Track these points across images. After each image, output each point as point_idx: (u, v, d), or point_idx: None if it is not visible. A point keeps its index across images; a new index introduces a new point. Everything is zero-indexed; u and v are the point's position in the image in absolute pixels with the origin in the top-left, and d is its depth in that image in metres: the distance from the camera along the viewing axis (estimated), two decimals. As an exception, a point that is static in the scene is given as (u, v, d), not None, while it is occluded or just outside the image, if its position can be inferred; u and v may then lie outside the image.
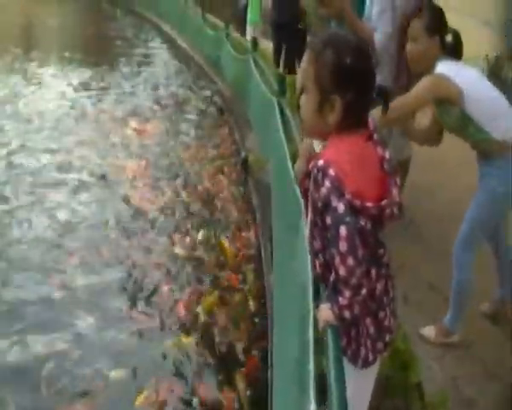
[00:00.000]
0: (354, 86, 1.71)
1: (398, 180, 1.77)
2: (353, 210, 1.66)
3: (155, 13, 17.71)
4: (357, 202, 1.66)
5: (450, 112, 2.88)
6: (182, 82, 11.07)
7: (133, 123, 8.01)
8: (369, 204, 1.69)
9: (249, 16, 10.17)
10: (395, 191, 1.75)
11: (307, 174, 1.82)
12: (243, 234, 5.04)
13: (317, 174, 1.67)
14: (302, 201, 2.55)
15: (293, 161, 3.20)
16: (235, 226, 5.19)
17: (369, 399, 2.07)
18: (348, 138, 1.73)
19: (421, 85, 2.89)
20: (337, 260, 1.65)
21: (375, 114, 1.87)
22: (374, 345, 1.89)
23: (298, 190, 2.82)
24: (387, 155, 1.77)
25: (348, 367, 1.75)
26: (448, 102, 2.85)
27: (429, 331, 3.35)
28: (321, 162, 1.66)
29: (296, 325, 2.21)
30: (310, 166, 1.75)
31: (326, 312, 1.75)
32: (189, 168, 6.65)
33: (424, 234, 4.22)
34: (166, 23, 16.24)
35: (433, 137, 3.21)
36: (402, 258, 3.78)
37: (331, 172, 1.64)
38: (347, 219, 1.63)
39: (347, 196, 1.64)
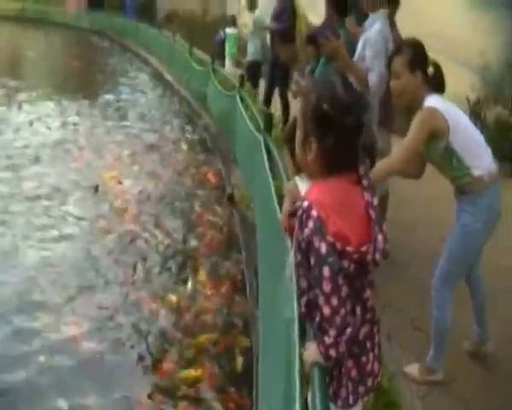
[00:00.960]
0: (332, 134, 1.73)
1: (384, 227, 1.79)
2: (335, 252, 1.69)
3: (144, 47, 17.92)
4: (339, 245, 1.69)
5: (437, 145, 2.93)
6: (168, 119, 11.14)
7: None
8: (349, 248, 1.71)
9: (228, 50, 10.81)
10: (380, 237, 1.75)
11: (293, 214, 1.87)
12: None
13: (302, 215, 1.71)
14: (288, 239, 2.59)
15: (279, 198, 3.25)
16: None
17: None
18: (333, 181, 1.77)
19: (419, 120, 2.93)
20: (321, 300, 1.68)
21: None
22: (355, 388, 1.89)
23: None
24: (375, 201, 1.79)
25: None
26: (437, 135, 2.90)
27: (413, 370, 3.37)
28: (305, 203, 1.71)
29: (282, 365, 2.22)
30: (296, 206, 1.80)
31: (313, 351, 1.76)
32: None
33: (407, 272, 4.27)
34: (154, 57, 16.44)
35: (415, 170, 3.26)
36: (387, 297, 3.82)
37: (313, 213, 1.67)
38: (330, 259, 1.66)
39: (329, 238, 1.67)
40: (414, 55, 2.97)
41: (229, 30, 11.09)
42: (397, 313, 3.87)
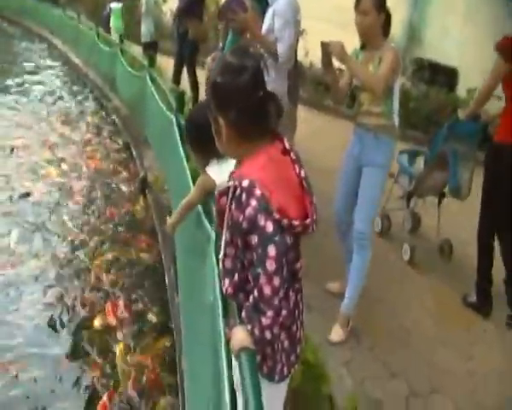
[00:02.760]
0: (233, 104, 1.68)
1: (313, 197, 1.79)
2: (280, 228, 1.65)
3: (47, 28, 17.03)
4: (285, 221, 1.65)
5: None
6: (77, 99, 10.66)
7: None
8: (295, 222, 1.68)
9: (113, 24, 11.08)
10: (313, 209, 1.76)
11: (223, 194, 1.79)
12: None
13: (241, 194, 1.64)
14: (211, 220, 2.54)
15: (194, 179, 3.16)
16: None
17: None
18: (262, 155, 1.71)
19: (393, 57, 3.20)
20: (263, 279, 1.62)
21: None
22: (288, 359, 1.91)
23: (200, 210, 2.80)
24: (303, 174, 1.78)
25: (262, 383, 1.70)
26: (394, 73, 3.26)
27: (338, 334, 3.52)
28: (245, 183, 1.63)
29: (209, 350, 2.17)
30: (230, 185, 1.71)
31: (241, 335, 1.71)
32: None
33: (323, 243, 4.32)
34: (58, 38, 15.68)
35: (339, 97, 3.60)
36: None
37: (257, 191, 1.62)
38: (276, 238, 1.62)
39: (275, 216, 1.62)
40: (380, 0, 3.23)
41: (113, 4, 11.22)
42: (315, 283, 3.92)
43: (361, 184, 3.43)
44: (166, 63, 8.82)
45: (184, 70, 7.65)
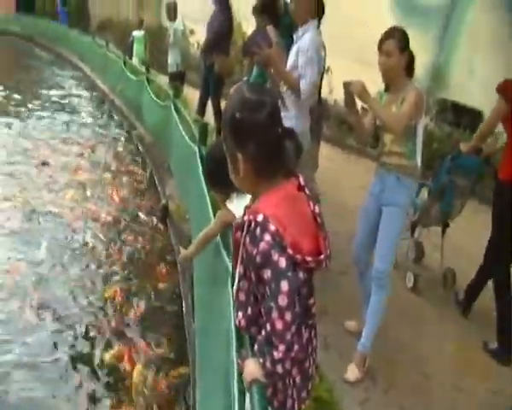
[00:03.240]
0: (251, 138, 1.71)
1: (326, 233, 1.81)
2: (293, 264, 1.67)
3: (77, 54, 17.51)
4: (299, 257, 1.68)
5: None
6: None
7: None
8: (309, 258, 1.71)
9: (135, 51, 11.90)
10: (326, 244, 1.79)
11: (238, 227, 1.82)
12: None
13: (255, 229, 1.67)
14: (229, 253, 2.57)
15: (214, 210, 3.20)
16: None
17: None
18: (277, 191, 1.75)
19: (418, 97, 3.23)
20: (275, 314, 1.64)
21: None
22: (299, 394, 1.92)
23: (220, 242, 2.82)
24: (317, 209, 1.81)
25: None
26: (418, 114, 3.27)
27: (353, 373, 3.51)
28: (260, 217, 1.66)
29: (221, 381, 2.17)
30: (245, 219, 1.74)
31: (253, 367, 1.73)
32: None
33: (342, 282, 4.32)
34: (87, 65, 16.09)
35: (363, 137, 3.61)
36: (322, 304, 3.86)
37: (271, 226, 1.64)
38: (289, 273, 1.64)
39: (289, 251, 1.65)
40: (404, 39, 3.29)
41: (135, 32, 12.03)
42: (332, 321, 3.92)
43: (381, 224, 3.46)
44: (192, 94, 9.01)
45: (209, 102, 7.78)
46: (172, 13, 9.75)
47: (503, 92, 3.84)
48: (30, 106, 11.41)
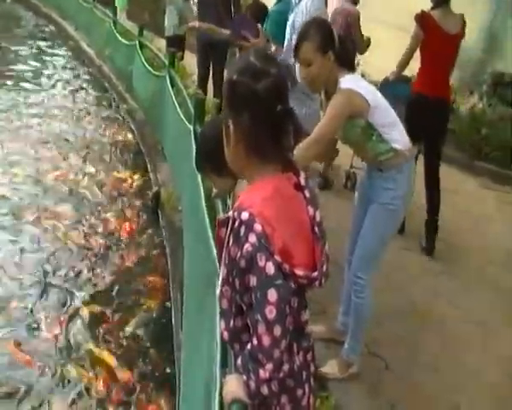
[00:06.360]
0: (245, 108, 1.72)
1: (326, 248, 1.81)
2: (281, 271, 1.65)
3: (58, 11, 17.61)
4: (286, 267, 1.66)
5: (355, 123, 3.19)
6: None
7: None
8: (299, 272, 1.69)
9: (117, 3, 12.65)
10: (323, 259, 1.79)
11: (223, 224, 1.78)
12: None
13: (240, 227, 1.66)
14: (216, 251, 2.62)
15: (208, 200, 3.26)
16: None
17: None
18: (268, 181, 1.75)
19: (337, 103, 3.13)
20: (261, 328, 1.63)
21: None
22: None
23: (211, 239, 2.88)
24: (318, 218, 1.81)
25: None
26: (354, 116, 3.16)
27: (332, 368, 3.65)
28: (245, 215, 1.65)
29: (202, 395, 2.24)
30: (229, 215, 1.72)
31: (235, 385, 1.73)
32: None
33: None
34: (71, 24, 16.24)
35: (329, 152, 3.65)
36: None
37: (257, 226, 1.63)
38: (278, 281, 1.63)
39: (276, 258, 1.63)
40: (323, 36, 3.14)
41: None
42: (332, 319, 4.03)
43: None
44: (193, 63, 8.99)
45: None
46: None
47: (420, 21, 5.19)
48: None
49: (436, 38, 5.18)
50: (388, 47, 6.86)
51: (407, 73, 5.67)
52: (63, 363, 4.06)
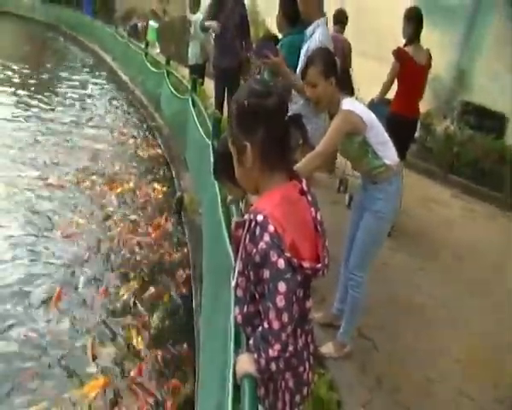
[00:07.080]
0: (260, 126, 1.73)
1: (326, 243, 1.83)
2: (292, 266, 1.68)
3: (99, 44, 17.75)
4: (295, 261, 1.69)
5: (353, 140, 3.21)
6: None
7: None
8: (305, 264, 1.72)
9: (150, 37, 12.94)
10: (325, 253, 1.81)
11: (239, 225, 1.80)
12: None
13: (255, 228, 1.68)
14: (231, 249, 2.60)
15: (224, 205, 3.24)
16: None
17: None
18: (279, 189, 1.76)
19: (338, 122, 3.15)
20: (272, 314, 1.66)
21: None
22: (292, 399, 1.93)
23: (226, 238, 2.85)
24: (319, 218, 1.82)
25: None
26: (353, 133, 3.18)
27: (329, 348, 3.67)
28: (260, 217, 1.67)
29: (218, 373, 2.21)
30: (246, 218, 1.74)
31: (246, 362, 1.75)
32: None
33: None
34: (110, 55, 16.32)
35: (328, 164, 3.50)
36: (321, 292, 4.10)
37: (270, 227, 1.65)
38: (287, 275, 1.66)
39: (287, 254, 1.66)
40: (326, 63, 3.18)
41: (152, 22, 13.29)
42: (331, 307, 3.98)
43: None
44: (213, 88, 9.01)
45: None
46: (194, 5, 9.75)
47: (396, 55, 5.49)
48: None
49: (410, 69, 5.52)
50: (371, 76, 6.82)
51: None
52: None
